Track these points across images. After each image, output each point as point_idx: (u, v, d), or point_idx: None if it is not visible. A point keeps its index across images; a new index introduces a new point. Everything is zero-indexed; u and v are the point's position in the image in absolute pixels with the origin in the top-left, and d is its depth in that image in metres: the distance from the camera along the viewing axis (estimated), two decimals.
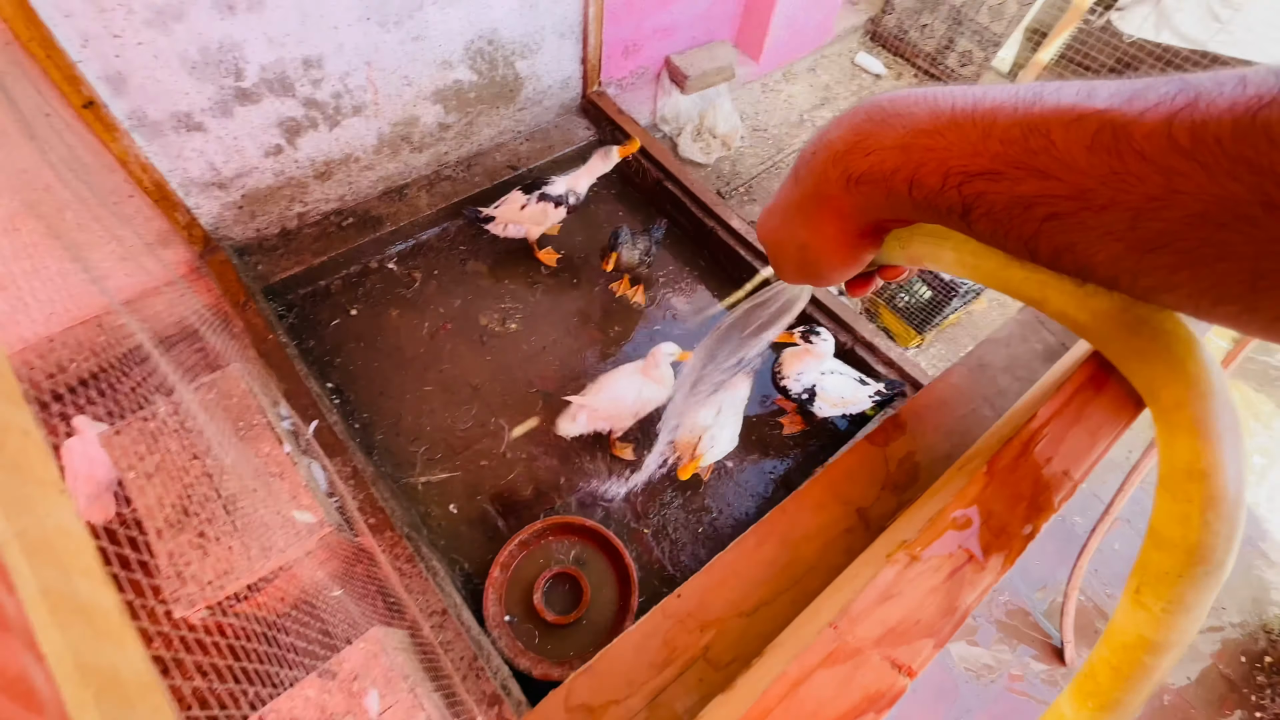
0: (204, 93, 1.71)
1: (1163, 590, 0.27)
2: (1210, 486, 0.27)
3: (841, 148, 0.31)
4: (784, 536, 0.37)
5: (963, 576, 0.29)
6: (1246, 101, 0.20)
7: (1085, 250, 0.25)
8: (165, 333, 1.79)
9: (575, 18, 2.34)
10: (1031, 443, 0.32)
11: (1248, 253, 0.20)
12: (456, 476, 1.89)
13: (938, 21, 3.54)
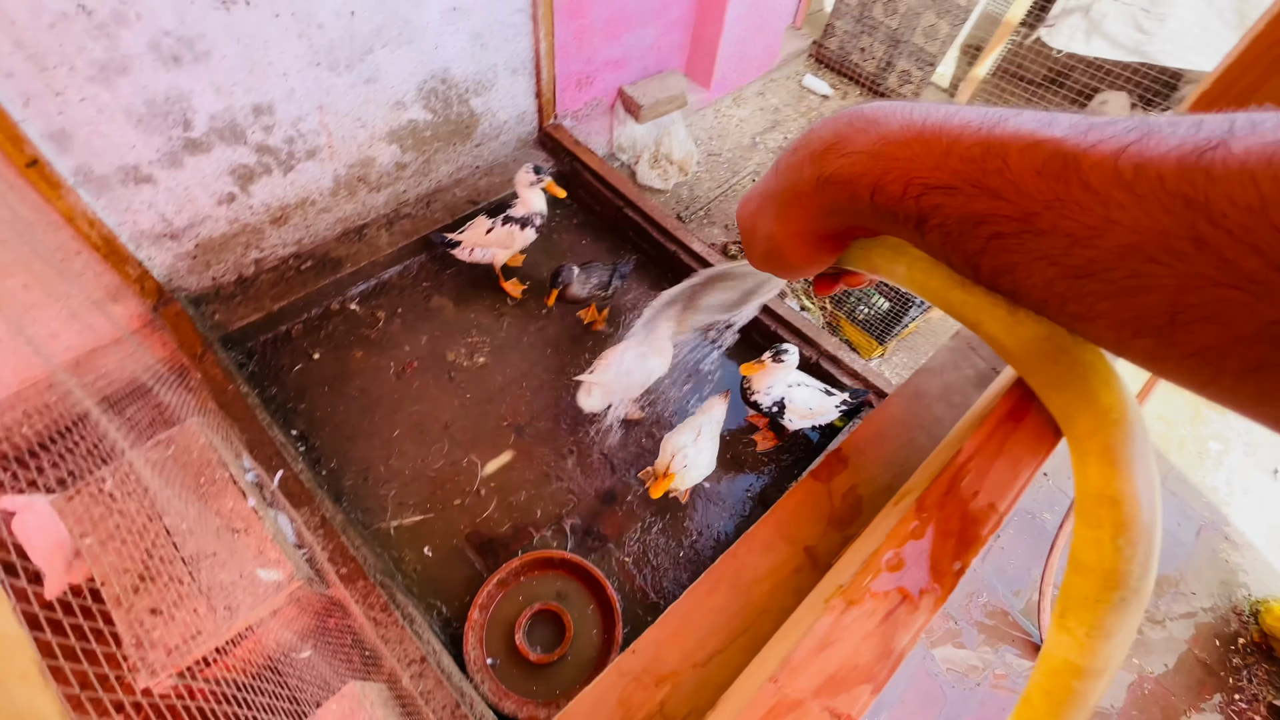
0: (152, 145, 1.69)
1: (1084, 615, 0.28)
2: (1120, 513, 0.27)
3: (819, 148, 0.32)
4: (735, 581, 0.38)
5: (897, 618, 0.30)
6: (1196, 142, 0.20)
7: (1022, 272, 0.25)
8: (119, 390, 1.74)
9: (527, 54, 2.38)
10: (958, 478, 0.34)
11: (1170, 285, 0.20)
12: (429, 518, 1.86)
13: (876, 44, 3.69)
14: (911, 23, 3.50)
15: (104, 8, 1.45)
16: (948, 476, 0.33)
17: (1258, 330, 0.19)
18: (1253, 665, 2.28)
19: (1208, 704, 2.18)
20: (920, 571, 0.30)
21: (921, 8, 3.42)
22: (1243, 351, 0.20)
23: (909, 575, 0.30)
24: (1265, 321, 0.18)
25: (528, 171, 2.13)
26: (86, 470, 1.40)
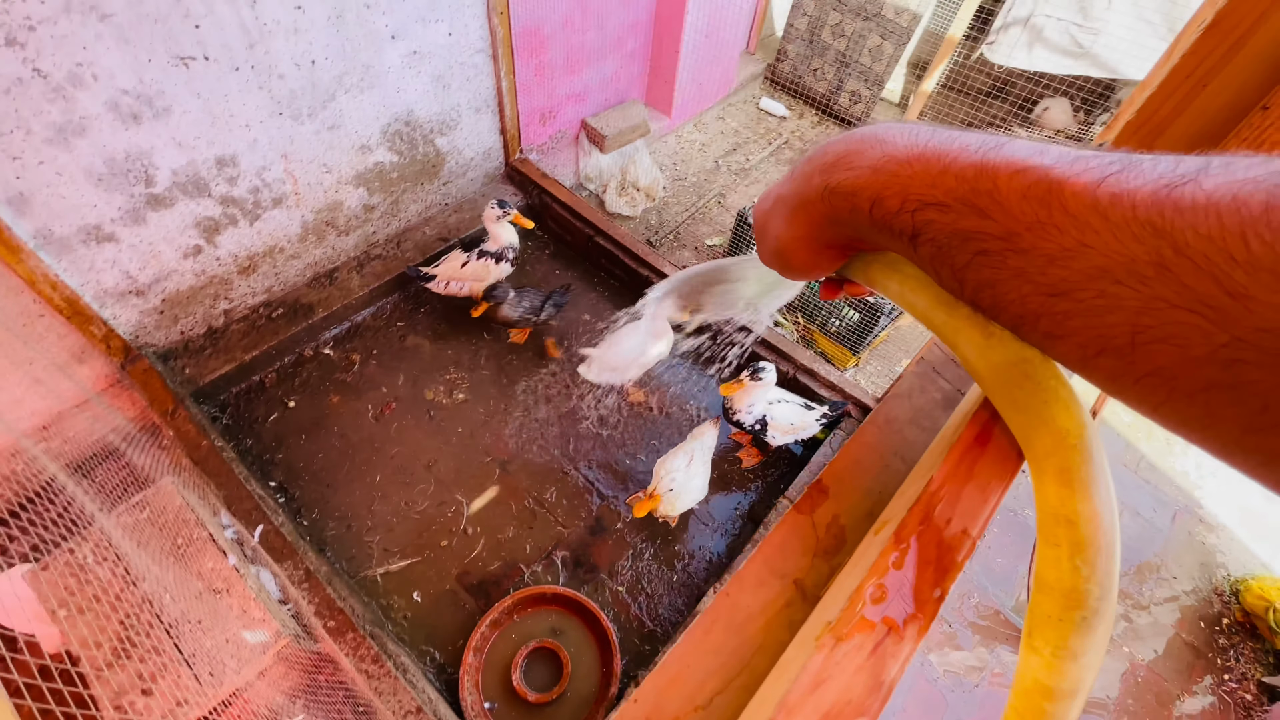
0: (113, 203, 1.67)
1: (1049, 635, 0.28)
2: (1077, 532, 0.28)
3: (830, 160, 0.34)
4: (729, 621, 0.38)
5: (884, 650, 0.31)
6: (1171, 178, 0.22)
7: (1002, 288, 0.27)
8: (88, 453, 1.69)
9: (489, 92, 2.41)
10: (931, 506, 0.35)
11: (1133, 307, 0.22)
12: (417, 562, 1.83)
13: (827, 65, 3.82)
14: (858, 44, 3.63)
15: (59, 71, 1.44)
16: (922, 505, 0.35)
17: (1209, 352, 0.20)
18: (1238, 644, 2.34)
19: (1199, 686, 2.22)
20: (903, 601, 0.32)
21: (867, 30, 3.56)
22: (1194, 372, 0.21)
23: (893, 606, 0.31)
24: (1216, 344, 0.20)
25: (493, 208, 2.16)
26: (58, 539, 1.35)
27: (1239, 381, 0.20)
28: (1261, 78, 0.42)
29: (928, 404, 0.48)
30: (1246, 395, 0.20)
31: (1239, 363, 0.19)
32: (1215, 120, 0.44)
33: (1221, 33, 0.43)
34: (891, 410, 0.48)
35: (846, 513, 0.42)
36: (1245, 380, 0.19)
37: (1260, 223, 0.19)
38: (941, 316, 0.38)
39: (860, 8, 3.52)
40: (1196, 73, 0.44)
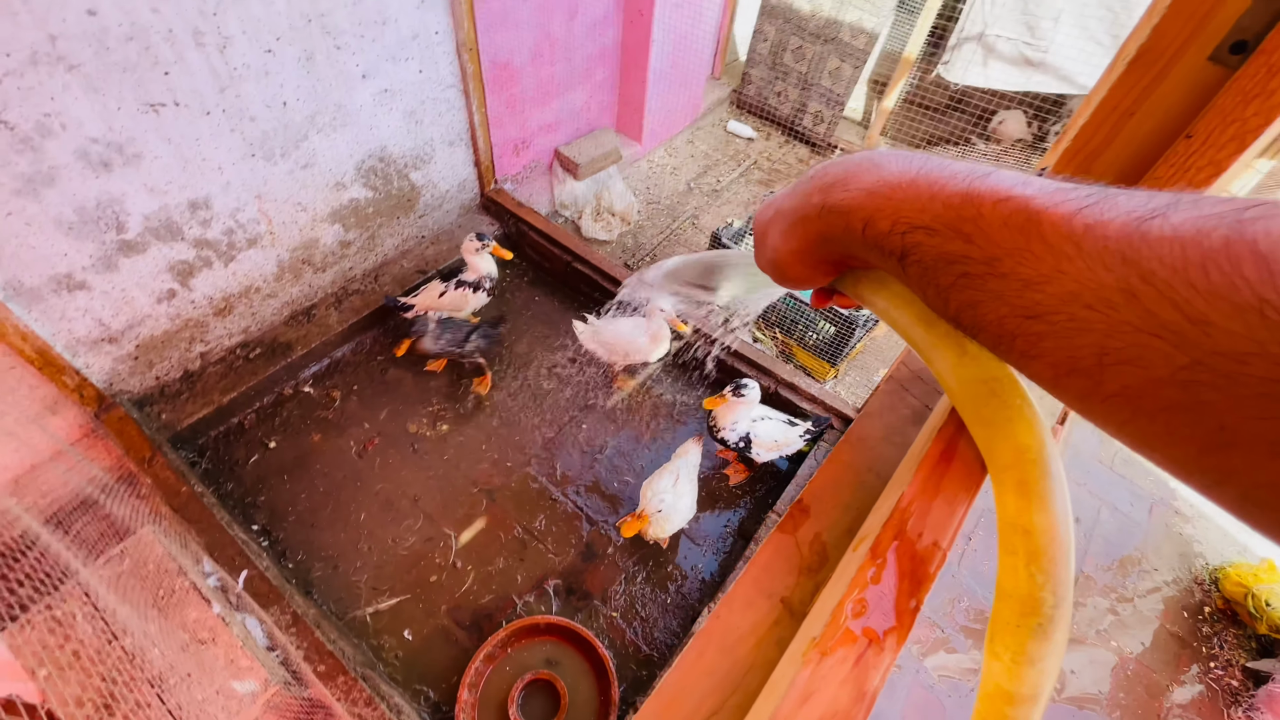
0: (84, 251, 1.66)
1: (1008, 640, 0.30)
2: (1033, 542, 0.30)
3: (829, 180, 0.36)
4: (720, 642, 0.40)
5: (866, 661, 0.32)
6: (1142, 211, 0.23)
7: (982, 309, 0.29)
8: (64, 506, 1.65)
9: (461, 126, 2.44)
10: (904, 521, 0.37)
11: (1101, 330, 0.23)
12: (406, 599, 1.80)
13: (790, 88, 3.93)
14: (819, 67, 3.75)
15: (26, 122, 1.44)
16: (895, 521, 0.37)
17: (1170, 374, 0.21)
18: (1221, 631, 2.39)
19: (1187, 675, 2.26)
20: (882, 614, 0.33)
21: (826, 53, 3.68)
22: (1156, 392, 0.22)
23: (873, 619, 0.33)
24: (1177, 366, 0.21)
25: (472, 240, 2.18)
26: (35, 596, 1.32)
27: (1197, 402, 0.21)
28: (1183, 108, 0.46)
29: (898, 420, 0.50)
30: (1204, 415, 0.21)
31: (1197, 384, 0.21)
32: (1143, 147, 0.47)
33: (1144, 66, 0.47)
34: (865, 428, 0.51)
35: (827, 530, 0.44)
36: (1203, 401, 0.21)
37: (1220, 255, 0.20)
38: (920, 333, 0.40)
39: (819, 31, 3.64)
40: (1123, 104, 0.48)
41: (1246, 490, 0.21)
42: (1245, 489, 0.21)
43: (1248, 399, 0.19)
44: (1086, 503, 2.66)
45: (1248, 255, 0.19)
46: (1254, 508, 0.21)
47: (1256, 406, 0.19)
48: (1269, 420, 0.19)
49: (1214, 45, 0.44)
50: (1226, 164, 0.42)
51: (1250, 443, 0.20)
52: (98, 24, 1.44)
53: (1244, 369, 0.19)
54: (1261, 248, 0.19)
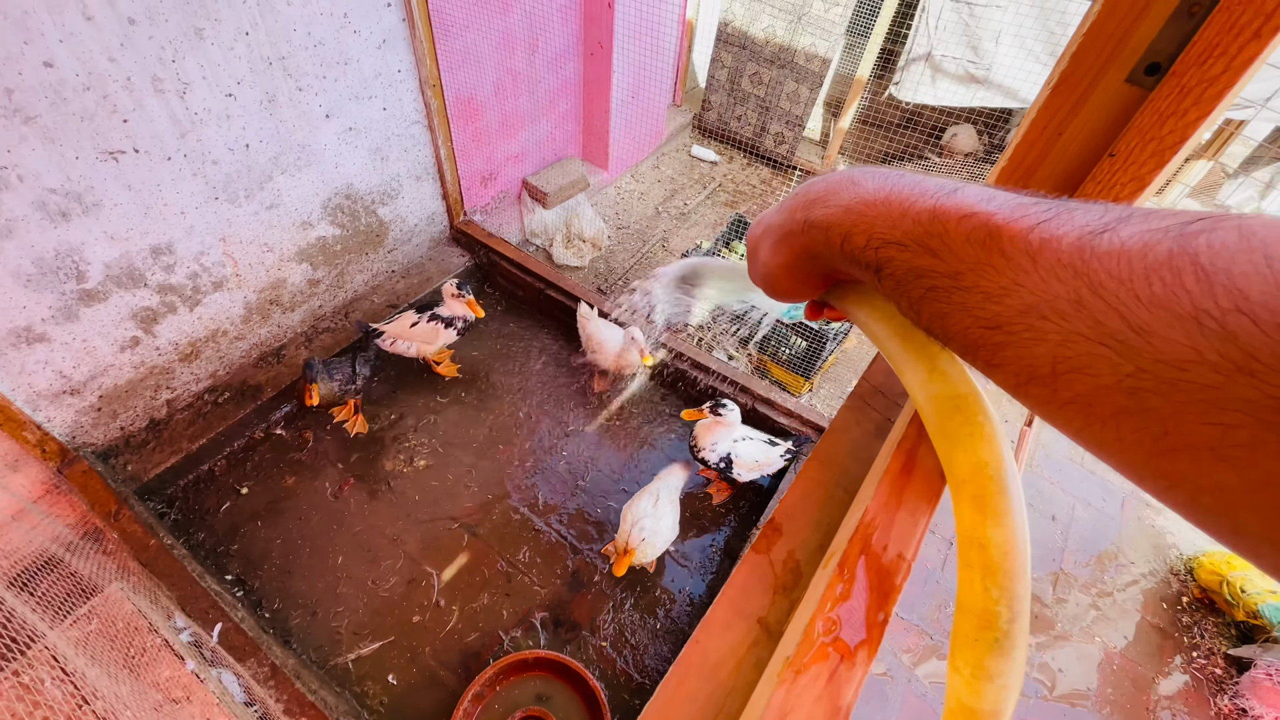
0: (43, 302, 1.62)
1: (967, 655, 0.30)
2: (988, 556, 0.31)
3: (812, 197, 0.37)
4: (700, 667, 0.40)
5: (839, 677, 0.33)
6: (1094, 226, 0.24)
7: (949, 320, 0.30)
8: (27, 567, 1.58)
9: (428, 160, 2.46)
10: (868, 535, 0.38)
11: (1055, 340, 0.24)
12: (389, 643, 1.75)
13: (749, 111, 4.04)
14: (776, 90, 3.86)
15: None
16: (860, 535, 0.38)
17: (1117, 380, 0.22)
18: (1201, 621, 2.44)
19: (1171, 666, 2.30)
20: (852, 630, 0.34)
21: (783, 77, 3.80)
22: (1105, 399, 0.23)
23: (844, 634, 0.34)
24: (1123, 374, 0.22)
25: (452, 284, 2.18)
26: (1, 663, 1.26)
27: (1143, 407, 0.22)
28: (1105, 127, 0.49)
29: (863, 435, 0.52)
30: (1149, 420, 0.22)
31: (1142, 391, 0.21)
32: (1072, 165, 0.50)
33: (1068, 88, 0.50)
34: (832, 444, 0.52)
35: (799, 547, 0.45)
36: (1148, 406, 0.21)
37: (1164, 267, 0.21)
38: (895, 348, 0.41)
39: (774, 57, 3.76)
40: (1051, 124, 0.51)
41: (1193, 495, 0.21)
42: (1192, 493, 0.21)
43: (1188, 405, 0.20)
44: (1061, 500, 2.71)
45: (1189, 267, 0.20)
46: (1202, 512, 0.21)
47: (1197, 412, 0.20)
48: (1209, 425, 0.20)
49: (1130, 68, 0.47)
50: (1148, 179, 0.45)
51: (1193, 447, 0.20)
52: (54, 75, 1.43)
53: (1184, 375, 0.20)
54: (1203, 260, 0.20)
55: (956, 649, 0.31)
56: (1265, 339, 0.18)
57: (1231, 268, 0.19)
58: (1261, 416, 0.18)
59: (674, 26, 3.69)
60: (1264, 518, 0.19)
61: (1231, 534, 0.21)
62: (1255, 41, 0.37)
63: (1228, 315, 0.19)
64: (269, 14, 1.72)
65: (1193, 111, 0.42)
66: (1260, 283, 0.19)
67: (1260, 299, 0.18)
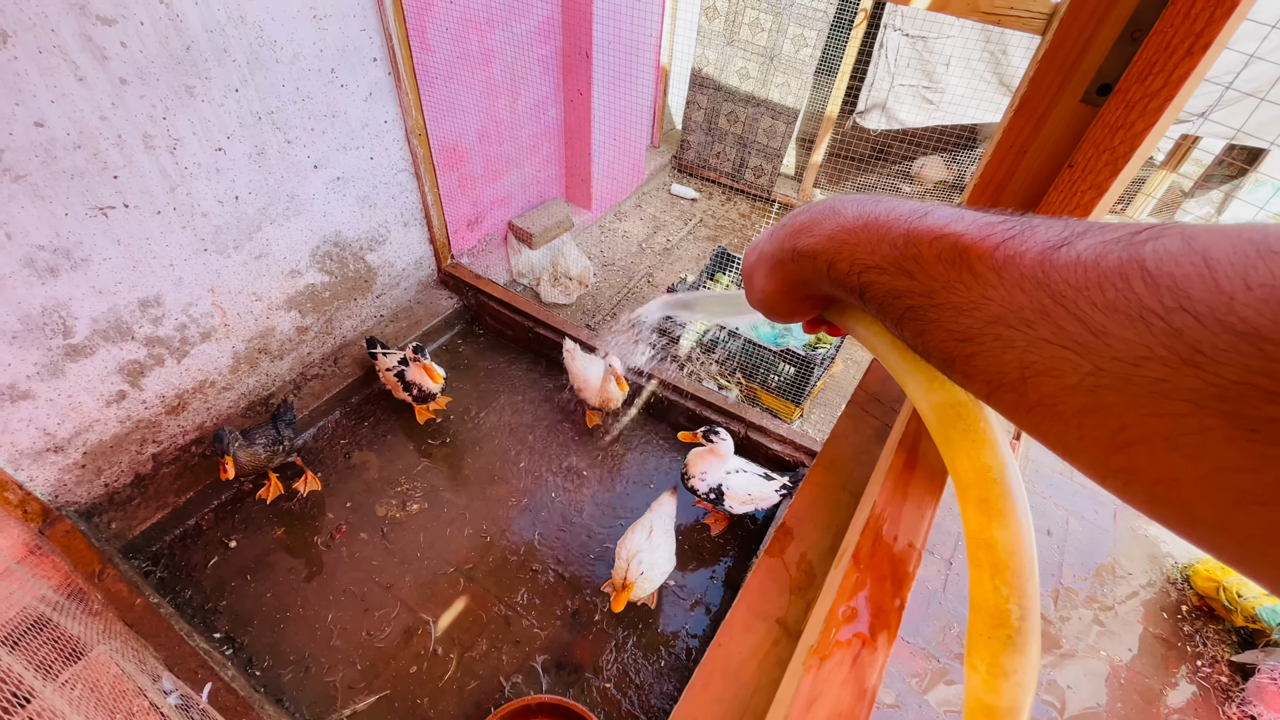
0: (29, 359, 1.60)
1: (982, 653, 0.31)
2: (995, 555, 0.32)
3: (798, 227, 0.40)
4: (724, 669, 0.41)
5: (862, 661, 0.34)
6: (1055, 239, 0.26)
7: (927, 336, 0.31)
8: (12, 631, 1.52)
9: (415, 207, 2.50)
10: (878, 527, 0.40)
11: (1022, 346, 0.26)
12: (386, 696, 1.70)
13: (728, 148, 4.18)
14: (753, 126, 4.01)
15: None
16: (871, 529, 0.39)
17: (1078, 380, 0.24)
18: (1202, 629, 2.44)
19: (1178, 677, 2.28)
20: (871, 616, 0.35)
21: (758, 114, 3.95)
22: (1068, 399, 0.24)
23: (863, 621, 0.35)
24: (1083, 373, 0.24)
25: (410, 347, 2.15)
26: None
27: (1101, 404, 0.23)
28: (1064, 143, 0.53)
29: (863, 440, 0.53)
30: (1108, 416, 0.23)
31: (1100, 388, 0.23)
32: (1038, 178, 0.54)
33: (1028, 110, 0.54)
34: (834, 451, 0.54)
35: (811, 549, 0.46)
36: (1106, 403, 0.23)
37: (1115, 274, 0.23)
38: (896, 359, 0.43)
39: (748, 97, 3.91)
40: (1017, 143, 0.55)
41: (1150, 487, 0.22)
42: (1149, 485, 0.22)
43: (1142, 398, 0.22)
44: (1054, 515, 2.73)
45: (1137, 272, 0.22)
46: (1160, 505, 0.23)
47: (1150, 404, 0.21)
48: (1162, 416, 0.21)
49: (1083, 89, 0.51)
50: (1105, 186, 0.49)
51: (1147, 439, 0.22)
52: (45, 135, 1.46)
53: (1137, 371, 0.22)
54: (1149, 265, 0.22)
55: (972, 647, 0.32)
56: (1207, 333, 0.20)
57: (1175, 270, 0.21)
58: (1206, 404, 0.20)
59: (649, 72, 3.84)
60: (1215, 503, 0.20)
61: (1189, 524, 0.22)
62: (1189, 59, 0.41)
63: (1172, 313, 0.21)
64: (259, 71, 1.77)
65: (1139, 123, 0.46)
66: (1200, 282, 0.20)
67: (1201, 297, 0.20)
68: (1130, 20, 0.46)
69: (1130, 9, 0.46)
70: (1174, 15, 0.39)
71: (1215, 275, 0.20)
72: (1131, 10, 0.45)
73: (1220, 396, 0.19)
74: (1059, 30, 0.49)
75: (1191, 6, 0.38)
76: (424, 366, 2.11)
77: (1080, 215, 0.48)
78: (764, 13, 3.61)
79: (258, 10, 1.70)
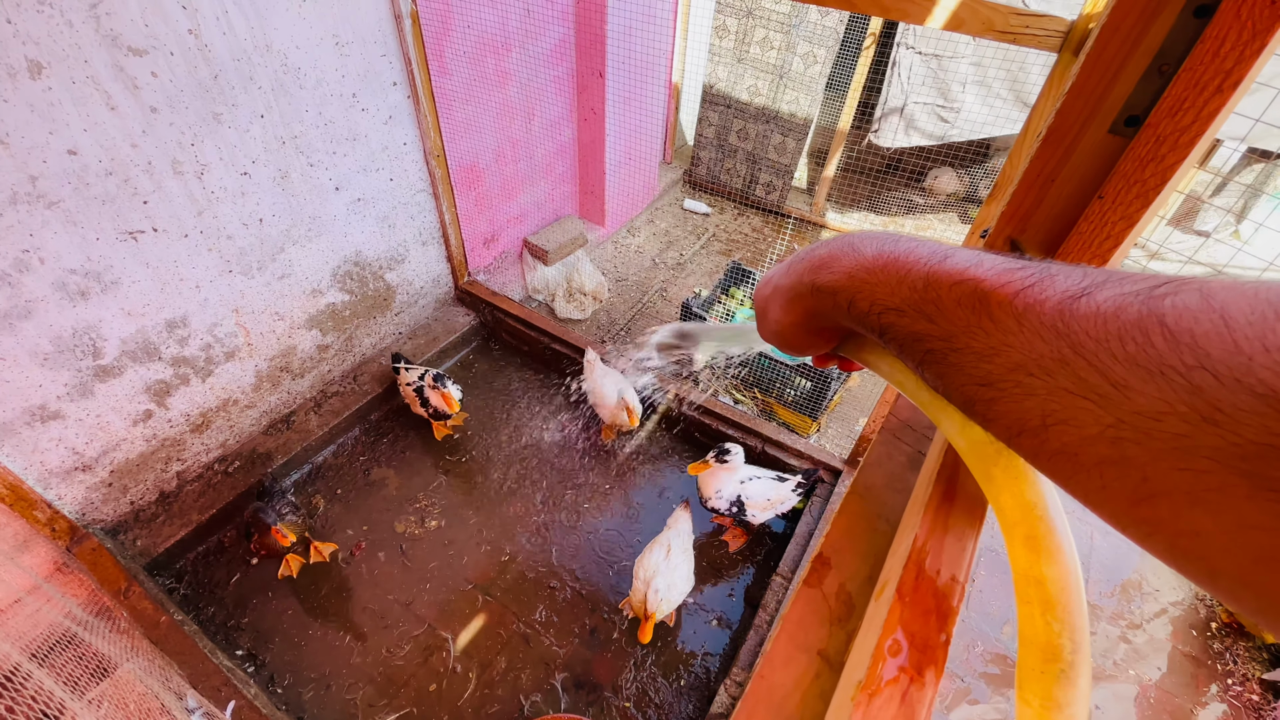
0: (59, 380, 1.64)
1: (1036, 687, 0.31)
2: (1046, 591, 0.32)
3: (817, 262, 0.40)
4: (768, 701, 0.41)
5: (911, 697, 0.34)
6: (1075, 289, 0.26)
7: (947, 379, 0.32)
8: (36, 648, 1.55)
9: (433, 226, 2.54)
10: (921, 561, 0.40)
11: (1042, 393, 0.26)
12: (406, 714, 1.70)
13: (739, 164, 4.21)
14: (763, 143, 4.03)
15: (4, 260, 1.46)
16: (914, 562, 0.39)
17: (1099, 431, 0.24)
18: (1232, 646, 2.38)
19: (1208, 696, 2.23)
20: (916, 651, 0.35)
21: (769, 131, 3.97)
22: (1089, 449, 0.24)
23: (909, 656, 0.35)
24: (1104, 425, 0.24)
25: (430, 375, 2.18)
26: None
27: (1123, 456, 0.23)
28: (1093, 173, 0.54)
29: (897, 468, 0.54)
30: (1129, 468, 0.23)
31: (1122, 440, 0.23)
32: (1066, 208, 0.55)
33: (1055, 141, 0.55)
34: (868, 478, 0.54)
35: (850, 579, 0.46)
36: (1128, 455, 0.23)
37: (1135, 328, 0.23)
38: (926, 398, 0.42)
39: (759, 113, 3.94)
40: (1044, 172, 0.55)
41: (1172, 539, 0.22)
42: (1170, 538, 0.22)
43: (1164, 453, 0.22)
44: (1078, 530, 2.69)
45: (1156, 328, 0.23)
46: (1181, 557, 0.23)
47: (1172, 459, 0.21)
48: (1183, 471, 0.21)
49: (1110, 120, 0.52)
50: (1136, 218, 0.49)
51: (1169, 493, 0.22)
52: (78, 162, 1.50)
53: (1159, 426, 0.22)
54: (1168, 321, 0.22)
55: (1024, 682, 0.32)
56: (1226, 392, 0.20)
57: (1194, 328, 0.22)
58: (1228, 463, 0.20)
59: (661, 90, 3.88)
60: (1236, 559, 0.20)
61: (1210, 578, 0.22)
62: (1218, 96, 0.41)
63: (1192, 372, 0.21)
64: (283, 97, 1.81)
65: (1170, 157, 0.46)
66: (1219, 341, 0.21)
67: (1220, 356, 0.20)
68: (1158, 54, 0.46)
69: (1158, 43, 0.46)
70: (1204, 53, 0.39)
71: (1234, 335, 0.20)
72: (1159, 45, 0.46)
73: (1241, 456, 0.19)
74: (1086, 62, 0.49)
75: (1221, 45, 0.38)
76: (443, 395, 2.15)
77: (1111, 245, 0.49)
78: (774, 31, 3.65)
79: (283, 39, 1.75)
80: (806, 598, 0.46)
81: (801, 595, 0.46)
